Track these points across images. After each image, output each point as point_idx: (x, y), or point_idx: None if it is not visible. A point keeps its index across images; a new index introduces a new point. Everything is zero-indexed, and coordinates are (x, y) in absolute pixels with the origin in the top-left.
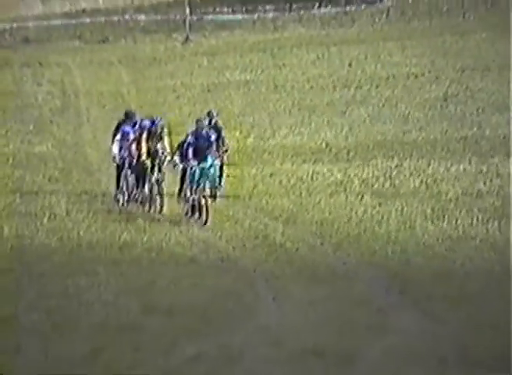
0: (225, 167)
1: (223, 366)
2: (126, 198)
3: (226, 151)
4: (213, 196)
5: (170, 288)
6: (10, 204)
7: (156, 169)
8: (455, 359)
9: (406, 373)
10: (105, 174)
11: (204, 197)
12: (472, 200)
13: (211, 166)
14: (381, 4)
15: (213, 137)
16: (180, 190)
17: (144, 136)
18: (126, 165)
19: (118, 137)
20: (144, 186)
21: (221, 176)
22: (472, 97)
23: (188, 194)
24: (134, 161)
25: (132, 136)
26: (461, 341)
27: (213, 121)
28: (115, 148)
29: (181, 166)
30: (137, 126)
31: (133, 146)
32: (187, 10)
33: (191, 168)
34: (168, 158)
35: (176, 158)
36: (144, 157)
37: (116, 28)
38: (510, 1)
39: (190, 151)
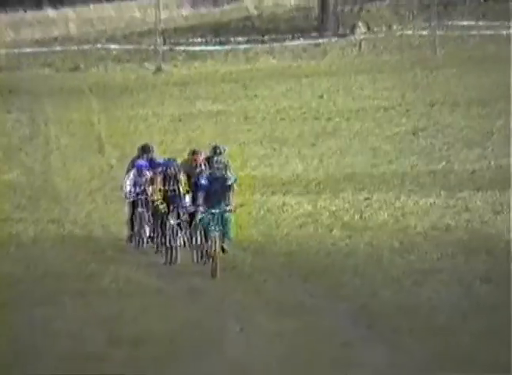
0: None
1: None
2: (140, 240)
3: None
4: (222, 247)
5: (137, 319)
6: None
7: (174, 214)
8: None
9: None
10: (74, 203)
11: (213, 246)
12: (440, 234)
13: (224, 212)
14: (353, 37)
15: (230, 181)
16: (190, 236)
17: (159, 178)
18: (143, 204)
19: (133, 171)
20: (161, 233)
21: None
22: (441, 131)
23: (198, 241)
24: (150, 202)
25: (148, 173)
26: (427, 374)
27: (219, 158)
28: (128, 185)
29: (188, 211)
30: (154, 164)
31: (150, 186)
32: (159, 40)
33: (201, 214)
34: (185, 202)
35: (187, 202)
36: (159, 201)
37: (88, 56)
38: (480, 39)
39: (201, 194)
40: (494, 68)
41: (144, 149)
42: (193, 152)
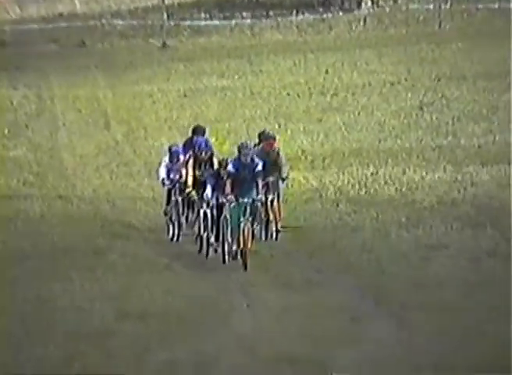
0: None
1: (197, 372)
2: (176, 229)
3: (283, 179)
4: (253, 236)
5: (144, 295)
6: None
7: (205, 201)
8: (429, 368)
9: None
10: (81, 179)
11: (243, 237)
12: (447, 208)
13: (254, 201)
14: (358, 12)
15: (259, 167)
16: (217, 230)
17: (191, 162)
18: (177, 191)
19: (166, 157)
20: (193, 221)
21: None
22: (448, 105)
23: (226, 235)
24: (183, 188)
25: (182, 158)
26: (436, 349)
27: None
28: (162, 171)
29: (211, 201)
30: (187, 147)
31: (183, 171)
32: (164, 15)
33: (229, 204)
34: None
35: (208, 191)
36: (190, 188)
37: (93, 33)
38: (487, 13)
39: (228, 183)
40: (500, 42)
41: (195, 131)
42: (266, 138)
